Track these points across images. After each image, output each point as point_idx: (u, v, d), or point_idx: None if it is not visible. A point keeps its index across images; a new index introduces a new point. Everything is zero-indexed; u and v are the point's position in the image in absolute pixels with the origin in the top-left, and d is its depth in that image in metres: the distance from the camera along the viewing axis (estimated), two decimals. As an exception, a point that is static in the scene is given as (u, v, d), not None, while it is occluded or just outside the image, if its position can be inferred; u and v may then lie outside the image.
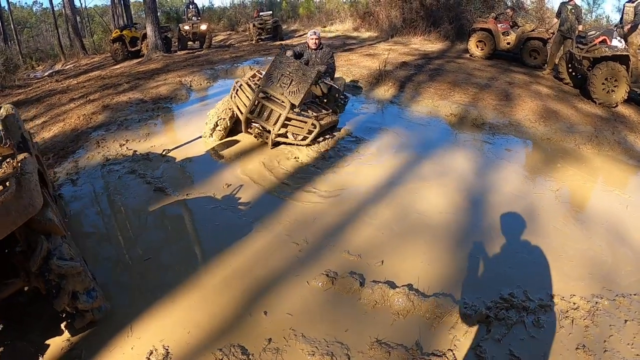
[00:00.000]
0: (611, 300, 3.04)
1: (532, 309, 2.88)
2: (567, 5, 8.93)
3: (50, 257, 2.30)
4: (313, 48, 6.03)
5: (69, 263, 2.35)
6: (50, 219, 2.34)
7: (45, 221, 2.31)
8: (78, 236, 3.68)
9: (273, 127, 5.13)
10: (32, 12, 42.63)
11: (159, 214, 4.03)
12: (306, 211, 4.02)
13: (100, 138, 5.92)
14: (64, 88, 9.79)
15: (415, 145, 5.62)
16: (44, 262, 2.29)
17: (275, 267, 3.25)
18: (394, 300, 2.86)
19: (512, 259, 3.42)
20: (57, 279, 2.34)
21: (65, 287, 2.37)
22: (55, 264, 2.29)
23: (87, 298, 2.49)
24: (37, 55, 21.47)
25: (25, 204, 2.07)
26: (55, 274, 2.32)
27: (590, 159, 5.59)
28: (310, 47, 6.03)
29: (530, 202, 4.34)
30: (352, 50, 12.13)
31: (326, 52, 6.08)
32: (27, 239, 2.36)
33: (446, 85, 8.13)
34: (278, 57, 5.22)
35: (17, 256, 2.39)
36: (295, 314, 2.81)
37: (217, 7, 27.19)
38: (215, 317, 2.80)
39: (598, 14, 16.01)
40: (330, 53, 6.16)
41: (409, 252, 3.44)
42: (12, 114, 3.19)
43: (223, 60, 11.21)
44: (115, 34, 13.91)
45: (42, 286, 2.44)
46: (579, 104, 7.41)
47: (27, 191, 2.10)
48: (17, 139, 3.07)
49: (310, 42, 6.01)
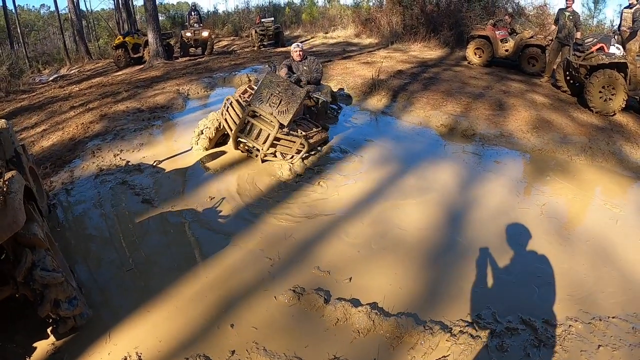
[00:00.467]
0: (586, 324, 2.96)
1: (497, 331, 2.86)
2: (565, 11, 8.86)
3: (34, 268, 2.46)
4: (297, 60, 6.36)
5: (51, 274, 2.50)
6: (35, 233, 2.51)
7: (29, 235, 2.47)
8: (67, 245, 3.83)
9: (262, 146, 5.19)
10: (39, 15, 43.21)
11: (144, 226, 4.12)
12: (282, 226, 4.07)
13: (96, 148, 6.05)
14: (65, 95, 9.99)
15: (401, 158, 5.64)
16: (29, 273, 2.46)
17: (247, 281, 3.33)
18: (355, 318, 2.91)
19: (486, 279, 3.40)
20: (41, 288, 2.51)
21: (48, 295, 2.53)
22: (39, 274, 2.46)
23: (68, 306, 2.63)
24: (44, 58, 21.80)
25: (10, 221, 2.23)
26: (39, 284, 2.48)
27: (582, 171, 5.53)
28: (294, 59, 6.36)
29: (514, 218, 4.29)
30: (350, 57, 12.18)
31: (312, 61, 6.41)
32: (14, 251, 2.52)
33: (439, 94, 8.12)
34: (268, 76, 5.28)
35: (7, 265, 2.55)
36: (260, 328, 2.89)
37: (222, 12, 27.25)
38: (186, 327, 2.91)
39: (600, 20, 15.87)
40: (317, 61, 6.48)
41: (380, 269, 3.47)
42: (5, 129, 3.33)
43: (222, 68, 11.32)
44: (118, 41, 14.10)
45: (28, 294, 2.59)
46: (575, 113, 7.36)
47: (11, 210, 2.26)
48: (10, 154, 3.23)
49: (295, 55, 6.36)
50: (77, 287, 2.89)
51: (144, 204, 4.49)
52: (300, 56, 6.35)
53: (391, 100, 8.09)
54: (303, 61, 6.37)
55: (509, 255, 3.69)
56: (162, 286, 3.29)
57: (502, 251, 3.74)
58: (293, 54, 6.39)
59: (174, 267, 3.51)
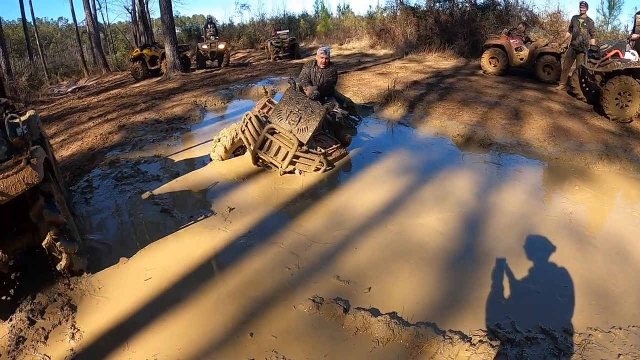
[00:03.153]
0: (606, 333, 2.93)
1: (517, 341, 2.83)
2: (579, 18, 8.84)
3: (44, 209, 3.11)
4: (321, 67, 6.08)
5: (56, 215, 3.15)
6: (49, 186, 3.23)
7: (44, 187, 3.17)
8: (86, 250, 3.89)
9: (281, 163, 5.22)
10: (57, 28, 44.13)
11: (163, 235, 4.16)
12: (301, 236, 4.09)
13: (115, 158, 6.14)
14: (84, 106, 10.20)
15: (420, 168, 5.64)
16: (40, 212, 3.12)
17: (267, 290, 3.34)
18: (374, 328, 2.90)
19: (506, 288, 3.38)
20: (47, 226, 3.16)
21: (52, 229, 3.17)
22: (47, 212, 3.10)
23: (66, 243, 3.22)
24: (62, 70, 22.27)
25: (33, 175, 2.97)
26: (46, 222, 3.13)
27: (600, 177, 5.48)
28: (318, 65, 6.07)
29: (533, 226, 4.25)
30: (366, 68, 12.27)
31: (332, 72, 6.21)
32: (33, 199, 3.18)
33: (455, 104, 8.13)
34: (288, 93, 5.34)
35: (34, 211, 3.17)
36: (279, 337, 2.90)
37: (237, 24, 27.59)
38: (205, 336, 2.93)
39: (614, 25, 15.71)
40: (335, 72, 6.32)
41: (400, 278, 3.46)
42: (33, 116, 4.14)
43: (238, 80, 11.47)
44: (136, 53, 14.39)
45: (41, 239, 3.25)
46: (592, 120, 7.31)
47: (34, 168, 3.01)
48: (36, 136, 3.98)
49: (320, 61, 6.04)
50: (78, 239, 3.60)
51: (162, 214, 4.54)
52: (325, 63, 6.05)
53: (407, 110, 8.10)
54: (325, 69, 6.10)
55: (529, 263, 3.66)
56: (181, 295, 3.31)
57: (523, 259, 3.71)
58: (318, 59, 6.05)
59: (192, 276, 3.54)
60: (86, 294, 3.37)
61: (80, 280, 3.50)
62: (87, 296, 3.36)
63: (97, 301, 3.29)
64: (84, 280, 3.51)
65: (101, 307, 3.23)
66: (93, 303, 3.28)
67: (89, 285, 3.46)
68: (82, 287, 3.45)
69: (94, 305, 3.26)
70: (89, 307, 3.24)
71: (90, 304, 3.27)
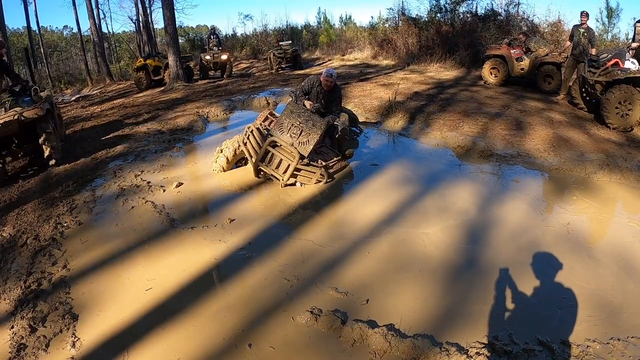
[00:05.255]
0: (604, 344, 2.92)
1: (514, 353, 2.83)
2: (579, 28, 8.88)
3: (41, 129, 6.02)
4: (326, 90, 5.88)
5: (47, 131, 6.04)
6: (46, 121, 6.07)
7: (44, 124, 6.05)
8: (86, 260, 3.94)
9: (282, 176, 5.27)
10: (62, 36, 44.40)
11: (164, 246, 4.20)
12: (301, 247, 4.11)
13: (118, 168, 6.21)
14: (87, 115, 10.28)
15: (420, 179, 5.66)
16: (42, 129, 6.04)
17: (266, 301, 3.36)
18: (371, 339, 2.92)
19: (504, 299, 3.38)
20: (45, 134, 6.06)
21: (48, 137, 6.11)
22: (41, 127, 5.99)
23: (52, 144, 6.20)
24: (66, 78, 22.41)
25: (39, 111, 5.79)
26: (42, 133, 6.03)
27: (601, 188, 5.47)
28: (322, 86, 5.85)
29: (534, 237, 4.25)
30: (368, 79, 12.34)
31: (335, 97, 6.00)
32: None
33: (456, 115, 8.15)
34: (289, 106, 5.39)
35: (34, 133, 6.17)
36: (277, 348, 2.91)
37: (240, 35, 27.74)
38: (204, 346, 2.95)
39: (614, 34, 15.76)
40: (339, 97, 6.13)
41: (398, 290, 3.47)
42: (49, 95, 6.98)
43: (241, 91, 11.54)
44: (139, 63, 14.44)
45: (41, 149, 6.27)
46: (592, 130, 7.33)
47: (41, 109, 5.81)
48: (48, 102, 6.37)
49: (324, 83, 5.81)
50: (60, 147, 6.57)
51: (164, 224, 4.58)
52: (329, 87, 5.81)
53: (408, 122, 8.14)
54: (330, 93, 5.88)
55: (527, 275, 3.65)
56: (181, 305, 3.34)
57: (522, 271, 3.70)
58: (323, 81, 5.78)
59: (192, 287, 3.57)
60: (87, 303, 3.41)
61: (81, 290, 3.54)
62: (88, 305, 3.39)
63: (98, 310, 3.33)
64: (86, 290, 3.54)
65: (102, 316, 3.26)
66: (94, 312, 3.31)
67: (90, 294, 3.50)
68: (84, 296, 3.49)
69: (95, 314, 3.29)
70: (89, 316, 3.27)
71: (91, 312, 3.31)
